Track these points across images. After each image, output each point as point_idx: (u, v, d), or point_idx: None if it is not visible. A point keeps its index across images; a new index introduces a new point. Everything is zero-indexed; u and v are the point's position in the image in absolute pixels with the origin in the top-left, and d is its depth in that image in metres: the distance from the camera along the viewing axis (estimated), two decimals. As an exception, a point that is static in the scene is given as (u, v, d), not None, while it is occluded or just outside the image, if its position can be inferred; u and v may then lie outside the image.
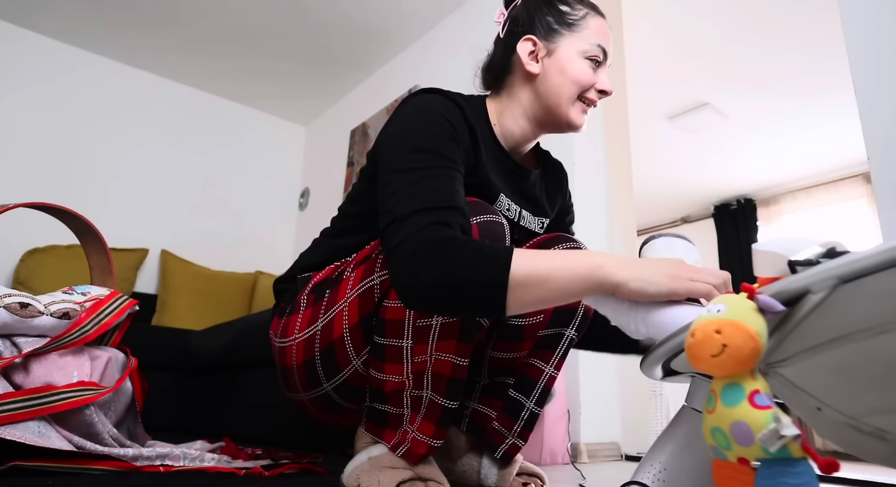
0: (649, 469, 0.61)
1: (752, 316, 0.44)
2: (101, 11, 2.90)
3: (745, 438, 0.41)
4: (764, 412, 0.41)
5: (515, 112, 0.96)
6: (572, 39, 0.92)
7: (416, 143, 0.80)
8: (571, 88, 0.91)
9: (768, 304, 0.44)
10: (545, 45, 0.93)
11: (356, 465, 0.83)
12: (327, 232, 1.02)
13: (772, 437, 0.39)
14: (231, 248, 3.48)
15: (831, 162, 4.10)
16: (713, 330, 0.43)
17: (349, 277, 0.87)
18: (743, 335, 0.42)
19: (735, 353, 0.42)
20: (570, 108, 0.92)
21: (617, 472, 1.52)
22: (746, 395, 0.43)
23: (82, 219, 1.24)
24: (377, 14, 2.89)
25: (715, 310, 0.45)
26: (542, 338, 1.01)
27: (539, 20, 0.94)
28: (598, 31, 0.93)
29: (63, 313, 1.04)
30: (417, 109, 0.85)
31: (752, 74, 3.15)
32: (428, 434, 0.81)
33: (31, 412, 0.90)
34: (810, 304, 0.44)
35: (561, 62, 0.91)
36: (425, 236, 0.70)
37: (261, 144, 3.80)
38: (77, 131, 3.10)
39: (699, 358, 0.44)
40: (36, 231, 2.69)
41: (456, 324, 0.79)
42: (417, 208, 0.73)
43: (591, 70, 0.92)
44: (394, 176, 0.78)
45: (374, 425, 0.85)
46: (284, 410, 1.75)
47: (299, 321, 0.93)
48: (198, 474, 0.99)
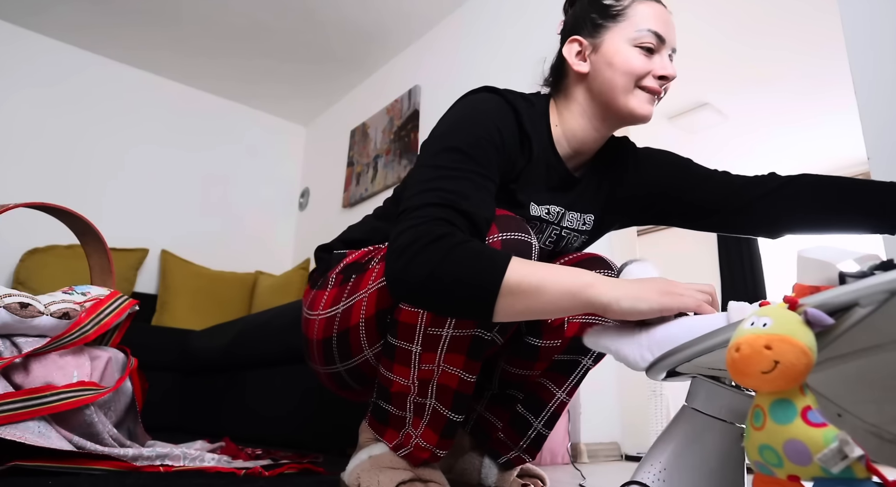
0: (649, 468, 0.61)
1: (802, 330, 0.42)
2: (102, 12, 2.90)
3: (801, 457, 0.40)
4: (821, 431, 0.40)
5: (575, 112, 0.93)
6: (618, 30, 0.89)
7: (454, 143, 0.79)
8: (623, 78, 0.87)
9: (819, 318, 0.43)
10: (591, 43, 0.90)
11: (357, 464, 0.83)
12: (378, 211, 1.02)
13: (834, 457, 0.38)
14: (231, 248, 3.48)
15: (831, 162, 4.10)
16: (762, 345, 0.42)
17: (374, 267, 0.87)
18: (796, 351, 0.41)
19: (788, 370, 0.41)
20: (628, 98, 0.88)
21: (617, 472, 1.52)
22: (798, 412, 0.41)
23: (82, 219, 1.24)
24: (377, 14, 2.88)
25: (761, 324, 0.43)
26: (557, 362, 1.00)
27: (584, 19, 0.93)
28: (648, 15, 0.88)
29: (63, 313, 1.04)
30: (470, 107, 0.85)
31: (752, 74, 3.15)
32: (431, 442, 0.80)
33: (31, 412, 0.90)
34: (856, 317, 0.43)
35: (608, 55, 0.88)
36: (425, 230, 0.70)
37: (261, 144, 3.80)
38: (77, 131, 3.10)
39: (747, 374, 0.43)
40: (36, 231, 2.69)
41: (466, 340, 0.78)
42: (428, 202, 0.73)
43: (643, 57, 0.87)
44: (420, 170, 0.78)
45: (377, 422, 0.84)
46: (284, 410, 1.75)
47: (325, 299, 0.92)
48: (198, 474, 0.99)
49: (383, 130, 3.10)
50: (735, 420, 0.61)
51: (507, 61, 2.43)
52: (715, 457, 0.61)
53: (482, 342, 0.80)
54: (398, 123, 2.98)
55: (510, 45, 2.43)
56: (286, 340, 1.73)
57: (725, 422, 0.61)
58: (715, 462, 0.61)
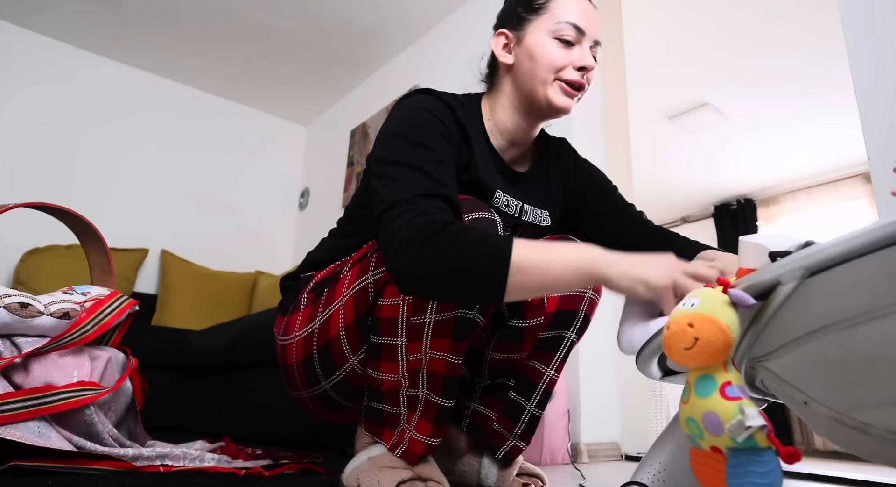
0: (649, 469, 0.61)
1: (724, 310, 0.45)
2: (102, 12, 2.90)
3: (715, 428, 0.43)
4: (732, 403, 0.42)
5: (504, 104, 0.97)
6: (540, 23, 0.92)
7: (408, 136, 0.82)
8: (542, 70, 0.90)
9: (739, 297, 0.45)
10: (515, 35, 0.95)
11: (356, 465, 0.83)
12: (333, 232, 1.04)
13: (739, 427, 0.41)
14: (231, 248, 3.48)
15: (831, 162, 4.10)
16: (686, 323, 0.45)
17: (345, 276, 0.88)
18: (714, 328, 0.44)
19: (706, 346, 0.44)
20: (547, 89, 0.91)
21: (617, 472, 1.52)
22: (718, 386, 0.44)
23: (82, 219, 1.24)
24: (377, 14, 2.89)
25: (689, 304, 0.46)
26: (542, 340, 1.01)
27: (511, 13, 0.97)
28: (569, 8, 0.92)
29: (63, 313, 1.04)
30: (408, 107, 0.87)
31: (752, 74, 3.15)
32: (425, 433, 0.81)
33: (31, 412, 0.90)
34: (781, 295, 0.45)
35: (529, 47, 0.92)
36: (424, 221, 0.70)
37: (261, 143, 3.80)
38: (77, 131, 3.10)
39: (673, 351, 0.46)
40: (36, 231, 2.69)
41: (449, 322, 0.79)
42: (412, 194, 0.74)
43: (563, 49, 0.90)
44: (385, 167, 0.79)
45: (372, 424, 0.85)
46: (284, 410, 1.75)
47: (299, 320, 0.94)
48: (198, 474, 0.99)
49: (383, 130, 3.10)
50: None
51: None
52: (714, 457, 0.61)
53: (465, 321, 0.81)
54: (398, 123, 2.98)
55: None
56: (286, 340, 1.73)
57: (725, 422, 0.61)
58: (714, 462, 0.61)
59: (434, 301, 0.79)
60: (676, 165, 4.25)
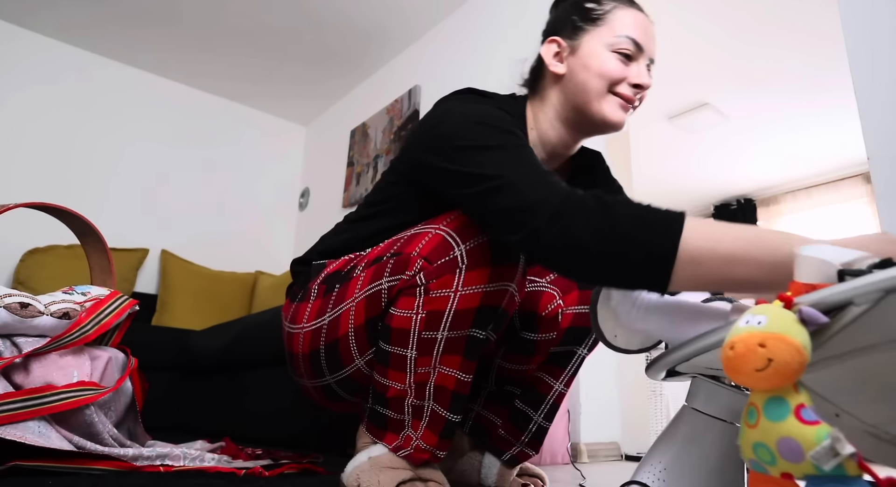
0: (650, 468, 0.61)
1: (796, 329, 0.42)
2: (101, 11, 2.90)
3: (794, 455, 0.40)
4: (814, 428, 0.40)
5: (549, 115, 0.92)
6: (597, 34, 0.88)
7: (495, 125, 0.76)
8: (597, 81, 0.86)
9: (813, 316, 0.42)
10: (569, 44, 0.90)
11: (356, 465, 0.82)
12: (350, 217, 0.99)
13: (826, 454, 0.38)
14: (231, 248, 3.48)
15: (831, 162, 4.10)
16: (756, 343, 0.42)
17: (359, 276, 0.85)
18: (790, 349, 0.41)
19: (781, 368, 0.41)
20: (601, 103, 0.87)
21: (617, 472, 1.52)
22: (792, 410, 0.42)
23: (82, 219, 1.24)
24: (377, 14, 2.88)
25: (755, 322, 0.43)
26: (553, 354, 1.00)
27: (564, 21, 0.92)
28: (628, 22, 0.87)
29: (63, 313, 1.04)
30: (472, 103, 0.83)
31: (752, 74, 3.15)
32: (431, 443, 0.80)
33: (31, 412, 0.90)
34: (850, 316, 0.43)
35: (585, 58, 0.87)
36: (568, 193, 0.64)
37: (261, 144, 3.80)
38: (77, 131, 3.10)
39: (741, 372, 0.43)
40: (36, 231, 2.69)
41: (462, 340, 0.78)
42: (528, 171, 0.67)
43: (620, 63, 0.86)
44: (473, 153, 0.73)
45: (375, 427, 0.84)
46: (284, 410, 1.74)
47: (308, 311, 0.92)
48: (198, 474, 0.99)
49: (383, 130, 3.10)
50: (735, 420, 0.61)
51: (507, 61, 2.43)
52: (715, 457, 0.61)
53: (477, 341, 0.80)
54: (398, 123, 2.98)
55: (510, 45, 2.43)
56: (286, 340, 1.73)
57: (725, 422, 0.61)
58: (715, 462, 0.61)
59: (412, 337, 0.77)
60: (676, 165, 4.25)
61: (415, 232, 0.82)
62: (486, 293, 0.78)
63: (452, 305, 0.77)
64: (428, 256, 0.78)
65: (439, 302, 0.77)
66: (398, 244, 0.82)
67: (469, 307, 0.77)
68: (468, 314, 0.78)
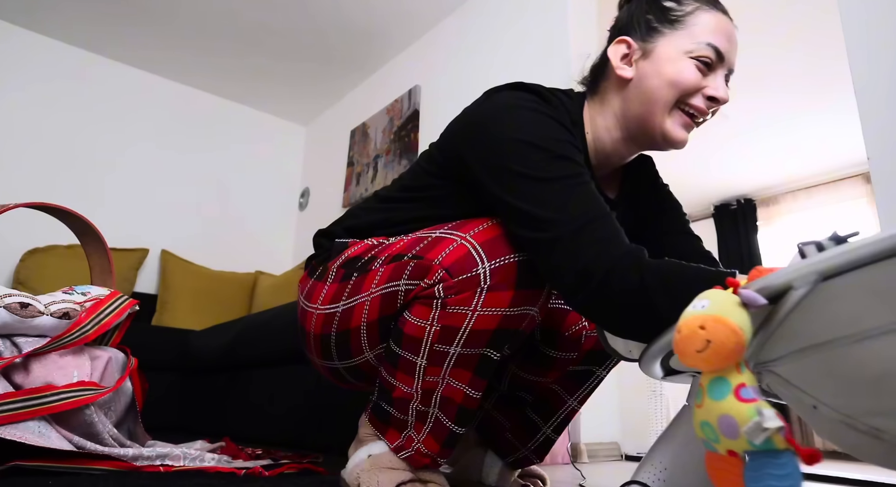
0: (650, 468, 0.61)
1: (736, 311, 0.44)
2: (101, 11, 2.90)
3: (731, 431, 0.42)
4: (748, 405, 0.42)
5: (608, 122, 0.85)
6: (675, 37, 0.79)
7: (548, 146, 0.72)
8: (669, 91, 0.78)
9: (750, 298, 0.44)
10: (641, 46, 0.81)
11: (356, 463, 0.82)
12: (382, 195, 0.92)
13: (756, 429, 0.40)
14: (231, 248, 3.48)
15: (831, 162, 4.10)
16: (697, 326, 0.44)
17: (378, 269, 0.81)
18: (726, 330, 0.43)
19: (719, 348, 0.43)
20: (665, 117, 0.80)
21: (617, 472, 1.52)
22: (732, 389, 0.43)
23: (82, 219, 1.24)
24: (377, 14, 2.88)
25: (699, 305, 0.45)
26: (571, 372, 0.99)
27: (638, 19, 0.83)
28: (711, 27, 0.79)
29: (63, 313, 1.04)
30: (531, 111, 0.76)
31: (752, 73, 3.15)
32: (433, 450, 0.79)
33: (31, 412, 0.90)
34: (793, 300, 0.44)
35: (658, 63, 0.79)
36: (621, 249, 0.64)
37: (261, 144, 3.80)
38: (77, 131, 3.10)
39: (685, 354, 0.45)
40: (36, 231, 2.69)
41: (475, 358, 0.76)
42: (583, 222, 0.66)
43: (697, 72, 0.78)
44: (526, 183, 0.70)
45: (378, 421, 0.84)
46: (284, 410, 1.74)
47: (324, 293, 0.88)
48: (198, 474, 0.99)
49: (383, 130, 3.10)
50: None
51: (507, 61, 2.43)
52: (715, 457, 0.61)
53: (490, 361, 0.77)
54: (398, 123, 2.98)
55: (510, 45, 2.43)
56: (286, 340, 1.73)
57: (725, 422, 0.61)
58: (715, 462, 0.61)
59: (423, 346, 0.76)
60: (676, 165, 4.25)
61: (441, 234, 0.77)
62: (506, 317, 0.74)
63: (469, 323, 0.74)
64: (450, 267, 0.73)
65: (456, 318, 0.74)
66: (422, 245, 0.78)
67: (486, 328, 0.74)
68: (484, 335, 0.75)
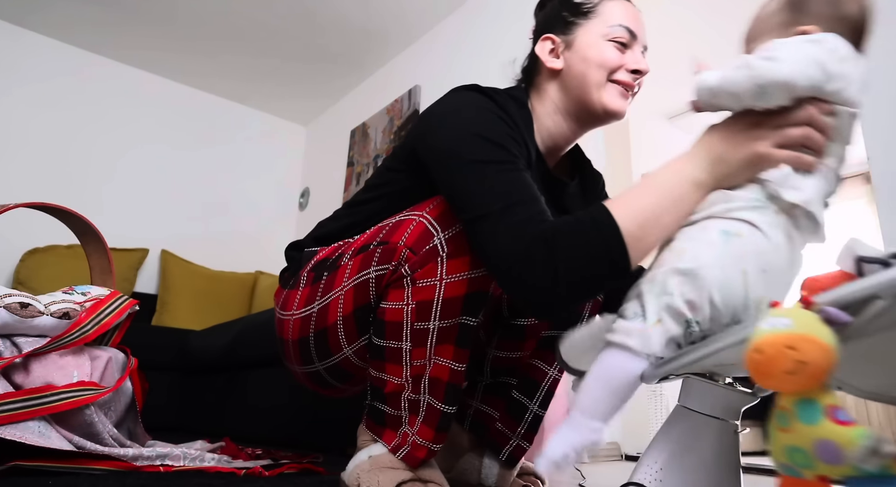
0: (646, 469, 0.61)
1: (823, 329, 0.42)
2: (101, 11, 2.91)
3: (833, 457, 0.40)
4: (851, 429, 0.40)
5: (548, 107, 0.94)
6: (590, 26, 0.90)
7: (487, 135, 0.78)
8: (597, 71, 0.88)
9: (837, 317, 0.42)
10: (564, 40, 0.92)
11: (357, 464, 0.83)
12: (348, 202, 1.00)
13: (869, 455, 0.38)
14: (231, 248, 3.48)
15: (831, 162, 4.10)
16: (784, 346, 0.41)
17: (347, 264, 0.86)
18: (821, 350, 0.41)
19: (814, 370, 0.41)
20: (601, 92, 0.88)
21: (617, 472, 1.52)
22: (824, 411, 0.41)
23: (82, 219, 1.24)
24: (377, 14, 2.89)
25: (780, 324, 0.43)
26: (545, 339, 1.01)
27: (555, 18, 0.94)
28: (619, 12, 0.90)
29: (63, 313, 1.04)
30: (476, 107, 0.83)
31: (752, 73, 3.15)
32: (427, 438, 0.81)
33: (31, 412, 0.90)
34: (875, 310, 0.43)
35: (582, 50, 0.89)
36: (533, 233, 0.68)
37: (261, 144, 3.80)
38: (77, 131, 3.10)
39: (771, 375, 0.42)
40: (36, 231, 2.69)
41: (454, 328, 0.79)
42: (509, 202, 0.71)
43: (617, 51, 0.88)
44: (468, 167, 0.76)
45: (374, 424, 0.85)
46: (284, 410, 1.75)
47: (298, 299, 0.92)
48: (198, 474, 0.99)
49: (383, 130, 3.10)
50: (729, 418, 0.61)
51: (507, 61, 2.43)
52: (711, 455, 0.61)
53: (468, 328, 0.81)
54: (398, 123, 2.99)
55: (510, 45, 2.43)
56: (286, 340, 1.73)
57: (720, 420, 0.61)
58: (711, 460, 0.61)
59: (406, 329, 0.79)
60: (676, 165, 4.25)
61: (401, 218, 0.83)
62: (472, 280, 0.79)
63: (440, 294, 0.78)
64: (413, 246, 0.78)
65: (427, 292, 0.78)
66: (385, 231, 0.83)
67: (456, 295, 0.78)
68: (457, 302, 0.79)
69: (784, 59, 0.61)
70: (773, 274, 0.61)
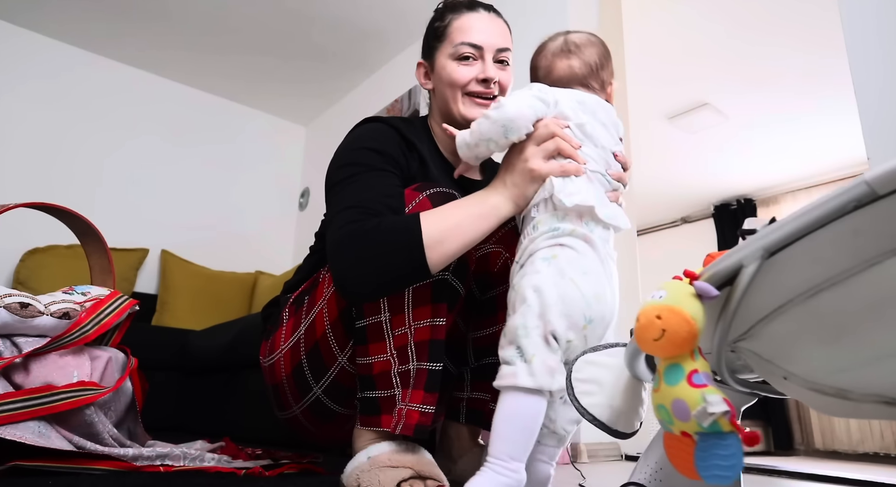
0: (645, 468, 0.61)
1: (690, 301, 0.47)
2: (100, 10, 2.91)
3: (683, 414, 0.45)
4: (698, 390, 0.45)
5: (437, 120, 1.09)
6: (442, 48, 1.03)
7: (346, 159, 0.93)
8: (450, 90, 1.02)
9: (704, 289, 0.47)
10: (427, 64, 1.08)
11: (356, 465, 0.83)
12: (311, 249, 1.15)
13: (704, 413, 0.43)
14: (231, 248, 3.48)
15: (831, 162, 4.10)
16: (654, 315, 0.47)
17: (325, 277, 0.93)
18: (679, 319, 0.46)
19: (673, 336, 0.46)
20: (458, 105, 1.02)
21: (617, 472, 1.52)
22: (685, 375, 0.46)
23: (82, 219, 1.24)
24: (377, 14, 2.89)
25: (657, 296, 0.48)
26: None
27: (426, 44, 1.09)
28: (463, 29, 1.02)
29: (63, 313, 1.04)
30: (351, 136, 0.99)
31: (752, 73, 3.15)
32: (417, 400, 0.81)
33: (31, 412, 0.90)
34: (746, 277, 0.46)
35: (439, 71, 1.04)
36: (347, 230, 0.81)
37: (261, 143, 3.80)
38: (77, 131, 3.10)
39: (643, 341, 0.48)
40: (36, 231, 2.69)
41: (427, 288, 0.83)
42: (342, 208, 0.85)
43: (465, 67, 1.01)
44: (329, 192, 0.92)
45: (369, 416, 0.85)
46: (284, 410, 1.75)
47: (284, 333, 0.98)
48: (198, 474, 0.99)
49: (383, 130, 3.10)
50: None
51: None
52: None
53: (444, 283, 0.85)
54: (398, 123, 2.99)
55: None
56: (286, 340, 1.74)
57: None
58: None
59: (381, 300, 0.85)
60: (676, 165, 4.25)
61: None
62: None
63: None
64: None
65: None
66: None
67: None
68: None
69: (507, 103, 0.83)
70: (593, 272, 0.76)
